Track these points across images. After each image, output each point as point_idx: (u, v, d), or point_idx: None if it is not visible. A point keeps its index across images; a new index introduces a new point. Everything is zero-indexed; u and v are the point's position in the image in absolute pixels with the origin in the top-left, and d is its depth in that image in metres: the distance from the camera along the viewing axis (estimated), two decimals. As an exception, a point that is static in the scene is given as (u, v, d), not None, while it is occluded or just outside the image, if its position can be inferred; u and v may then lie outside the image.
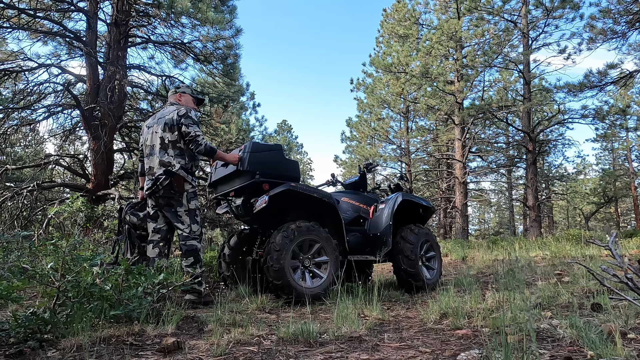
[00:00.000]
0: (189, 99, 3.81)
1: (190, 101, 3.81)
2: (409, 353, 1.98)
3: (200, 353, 2.01)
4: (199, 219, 3.58)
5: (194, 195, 3.57)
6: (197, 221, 3.53)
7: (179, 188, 3.44)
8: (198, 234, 3.51)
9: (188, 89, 3.89)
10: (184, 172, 3.48)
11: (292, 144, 34.64)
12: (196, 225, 3.51)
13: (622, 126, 18.35)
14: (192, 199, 3.54)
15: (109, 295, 2.45)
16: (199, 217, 3.57)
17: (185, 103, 3.75)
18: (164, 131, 3.49)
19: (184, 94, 3.80)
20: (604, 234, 12.55)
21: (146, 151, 3.62)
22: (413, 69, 16.77)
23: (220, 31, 8.44)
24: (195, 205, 3.56)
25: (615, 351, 1.73)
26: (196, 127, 3.49)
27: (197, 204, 3.59)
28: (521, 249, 8.70)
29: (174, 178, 3.43)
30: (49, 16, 7.86)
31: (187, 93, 3.82)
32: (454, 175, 17.70)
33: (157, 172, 3.46)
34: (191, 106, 3.76)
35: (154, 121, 3.67)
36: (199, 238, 3.51)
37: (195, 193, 3.59)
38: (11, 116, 8.39)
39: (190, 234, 3.47)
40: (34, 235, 4.62)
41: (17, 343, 2.05)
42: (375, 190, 5.12)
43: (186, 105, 3.71)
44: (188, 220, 3.48)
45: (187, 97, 3.81)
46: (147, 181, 3.58)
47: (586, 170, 32.33)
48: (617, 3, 12.09)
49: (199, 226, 3.54)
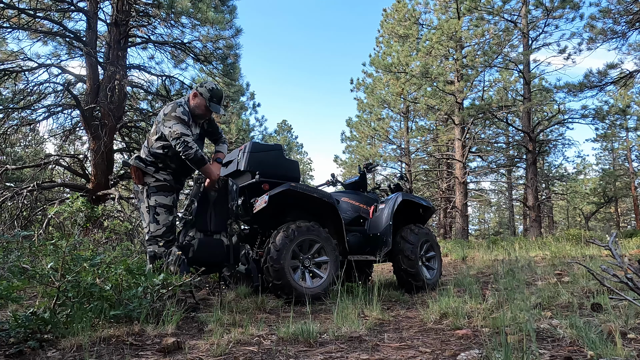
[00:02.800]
0: (201, 103, 3.37)
1: (201, 105, 3.38)
2: (409, 353, 1.98)
3: (200, 353, 2.01)
4: (163, 218, 3.21)
5: (157, 190, 3.24)
6: (157, 220, 3.19)
7: (138, 181, 3.23)
8: (158, 236, 3.18)
9: (207, 93, 3.38)
10: (141, 163, 3.23)
11: (292, 144, 34.65)
12: (155, 225, 3.19)
13: (622, 126, 18.38)
14: (154, 194, 3.22)
15: (109, 295, 2.45)
16: (162, 216, 3.21)
17: (195, 105, 3.38)
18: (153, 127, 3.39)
19: (200, 96, 3.37)
20: (604, 234, 12.55)
21: None
22: (413, 69, 16.77)
23: (220, 31, 8.44)
24: (157, 202, 3.22)
25: (615, 351, 1.73)
26: (180, 125, 3.15)
27: (160, 201, 3.24)
28: (521, 249, 8.70)
29: (130, 169, 3.27)
30: (49, 16, 7.86)
31: (203, 96, 3.37)
32: (454, 175, 17.70)
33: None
34: (199, 112, 3.38)
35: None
36: (161, 241, 3.17)
37: (160, 187, 3.26)
38: (11, 116, 8.39)
39: (148, 236, 3.19)
40: (34, 235, 4.62)
41: (17, 343, 2.05)
42: (375, 190, 5.11)
43: (194, 106, 3.37)
44: (147, 219, 3.21)
45: (200, 101, 3.37)
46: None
47: (586, 170, 32.37)
48: (617, 3, 12.10)
49: (160, 226, 3.20)
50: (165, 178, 3.30)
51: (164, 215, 3.23)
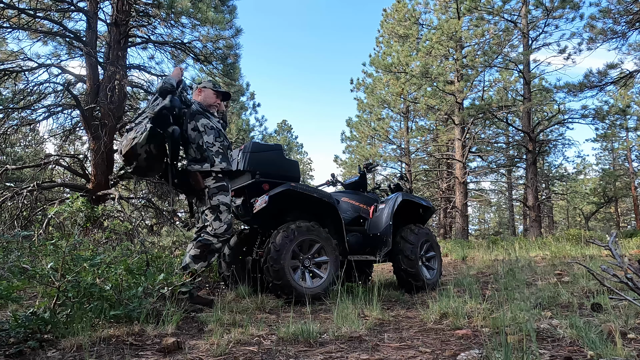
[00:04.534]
0: (209, 93, 3.45)
1: (210, 94, 3.45)
2: (409, 353, 1.98)
3: (200, 353, 2.01)
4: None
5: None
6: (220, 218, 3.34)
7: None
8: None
9: (209, 83, 3.52)
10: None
11: (292, 144, 34.65)
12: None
13: (622, 126, 18.37)
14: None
15: (109, 295, 2.45)
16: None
17: (204, 97, 3.44)
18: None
19: (204, 88, 3.46)
20: (604, 234, 12.55)
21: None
22: (413, 69, 16.77)
23: (220, 31, 8.44)
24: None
25: (615, 351, 1.73)
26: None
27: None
28: (521, 249, 8.70)
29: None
30: (49, 16, 7.86)
31: (208, 87, 3.48)
32: (454, 175, 17.70)
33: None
34: (211, 100, 3.46)
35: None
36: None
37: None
38: (11, 116, 8.38)
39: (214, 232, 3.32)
40: (34, 235, 4.61)
41: (17, 343, 2.05)
42: (375, 190, 5.12)
43: (204, 98, 3.43)
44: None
45: (208, 92, 3.46)
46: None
47: (586, 170, 32.34)
48: (617, 3, 12.10)
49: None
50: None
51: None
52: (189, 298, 3.13)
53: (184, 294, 3.05)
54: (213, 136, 3.30)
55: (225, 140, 3.40)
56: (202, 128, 3.28)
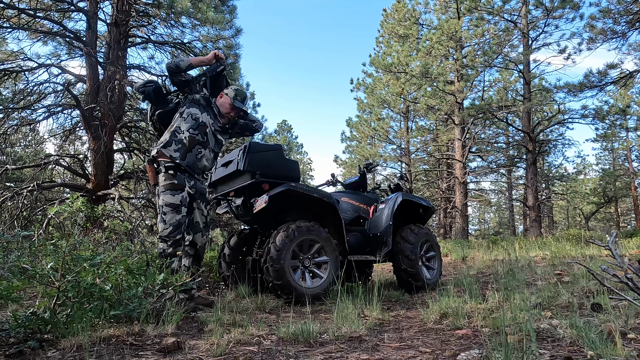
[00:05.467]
0: (225, 101, 3.45)
1: (225, 103, 3.45)
2: (409, 353, 1.98)
3: (200, 353, 2.01)
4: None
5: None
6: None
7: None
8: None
9: (232, 92, 3.47)
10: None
11: (292, 144, 34.66)
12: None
13: (622, 126, 18.37)
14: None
15: (109, 295, 2.44)
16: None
17: (221, 104, 3.46)
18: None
19: (225, 95, 3.48)
20: (604, 234, 12.55)
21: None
22: (413, 69, 16.77)
23: (220, 31, 8.43)
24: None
25: (615, 351, 1.73)
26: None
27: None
28: (521, 249, 8.70)
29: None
30: (49, 16, 7.86)
31: (228, 95, 3.47)
32: (454, 175, 17.69)
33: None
34: (224, 110, 3.44)
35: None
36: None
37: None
38: (11, 116, 8.38)
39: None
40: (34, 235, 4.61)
41: (17, 343, 2.05)
42: (375, 190, 5.12)
43: (220, 104, 3.45)
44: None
45: (225, 100, 3.45)
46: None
47: (586, 170, 32.36)
48: (617, 3, 12.09)
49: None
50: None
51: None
52: (189, 298, 3.14)
53: (185, 293, 3.05)
54: (189, 125, 3.21)
55: (209, 141, 3.30)
56: (186, 115, 3.25)
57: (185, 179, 3.19)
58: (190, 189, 3.21)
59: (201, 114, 3.30)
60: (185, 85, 3.35)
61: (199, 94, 3.38)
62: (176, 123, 3.25)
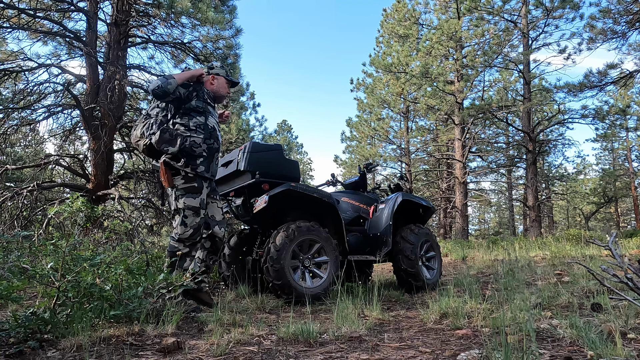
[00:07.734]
0: (222, 83, 3.37)
1: (223, 85, 3.38)
2: (409, 353, 1.98)
3: (200, 353, 2.01)
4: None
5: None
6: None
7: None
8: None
9: (222, 70, 3.40)
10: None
11: (292, 144, 34.66)
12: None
13: (622, 126, 18.39)
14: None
15: (109, 295, 2.44)
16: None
17: (218, 88, 3.35)
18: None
19: (217, 76, 3.35)
20: (604, 234, 12.55)
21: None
22: (413, 69, 16.77)
23: (220, 31, 8.43)
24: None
25: (615, 351, 1.73)
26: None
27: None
28: (521, 249, 8.70)
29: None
30: (49, 16, 7.86)
31: (221, 75, 3.37)
32: (454, 175, 17.70)
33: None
34: (223, 92, 3.38)
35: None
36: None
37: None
38: (11, 116, 8.38)
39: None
40: (34, 235, 4.62)
41: (17, 343, 2.05)
42: (375, 190, 5.12)
43: (218, 87, 3.34)
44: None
45: (221, 81, 3.37)
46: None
47: (586, 170, 32.35)
48: (617, 3, 12.10)
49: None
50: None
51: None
52: (198, 290, 3.16)
53: (185, 293, 3.05)
54: (204, 137, 3.15)
55: (215, 143, 3.25)
56: (194, 127, 3.12)
57: (202, 180, 3.19)
58: (206, 188, 3.22)
59: (207, 120, 3.20)
60: (178, 102, 3.15)
61: (193, 100, 3.17)
62: (190, 139, 3.08)
